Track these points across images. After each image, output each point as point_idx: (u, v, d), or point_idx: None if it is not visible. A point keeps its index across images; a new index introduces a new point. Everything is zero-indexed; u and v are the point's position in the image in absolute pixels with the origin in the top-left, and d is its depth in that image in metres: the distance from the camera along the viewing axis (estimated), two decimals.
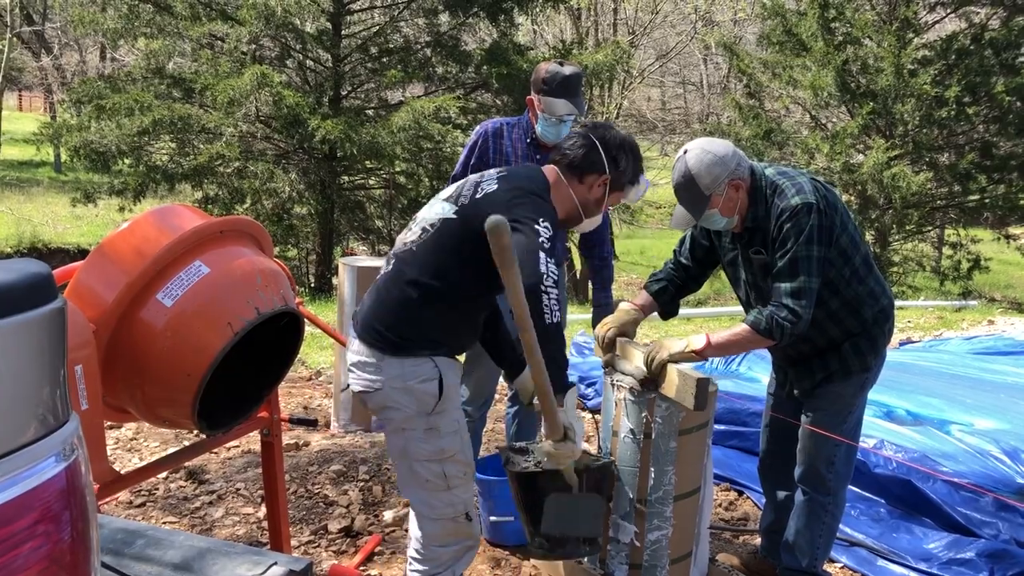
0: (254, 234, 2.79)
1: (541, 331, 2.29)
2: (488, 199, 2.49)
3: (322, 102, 12.53)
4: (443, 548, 2.57)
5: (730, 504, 4.30)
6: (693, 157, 2.88)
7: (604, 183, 2.62)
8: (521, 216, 2.39)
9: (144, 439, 4.82)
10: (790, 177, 2.91)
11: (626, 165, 2.64)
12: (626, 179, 2.67)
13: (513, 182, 2.53)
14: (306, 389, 5.96)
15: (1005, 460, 4.40)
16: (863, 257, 2.98)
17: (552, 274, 2.35)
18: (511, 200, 2.45)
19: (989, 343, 7.74)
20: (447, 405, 2.52)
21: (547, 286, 2.31)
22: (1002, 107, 13.81)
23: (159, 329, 2.45)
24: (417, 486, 2.54)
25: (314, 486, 4.18)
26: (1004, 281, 17.56)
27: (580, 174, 2.61)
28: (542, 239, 2.35)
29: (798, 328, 2.78)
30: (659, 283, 3.22)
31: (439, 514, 2.55)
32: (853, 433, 3.13)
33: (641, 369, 2.87)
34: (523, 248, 2.33)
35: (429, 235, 2.52)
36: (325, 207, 12.87)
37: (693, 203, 2.89)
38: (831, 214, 2.85)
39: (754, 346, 2.95)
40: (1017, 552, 3.61)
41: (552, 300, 2.31)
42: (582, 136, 2.63)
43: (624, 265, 19.36)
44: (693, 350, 2.82)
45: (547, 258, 2.35)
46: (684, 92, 30.61)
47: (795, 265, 2.79)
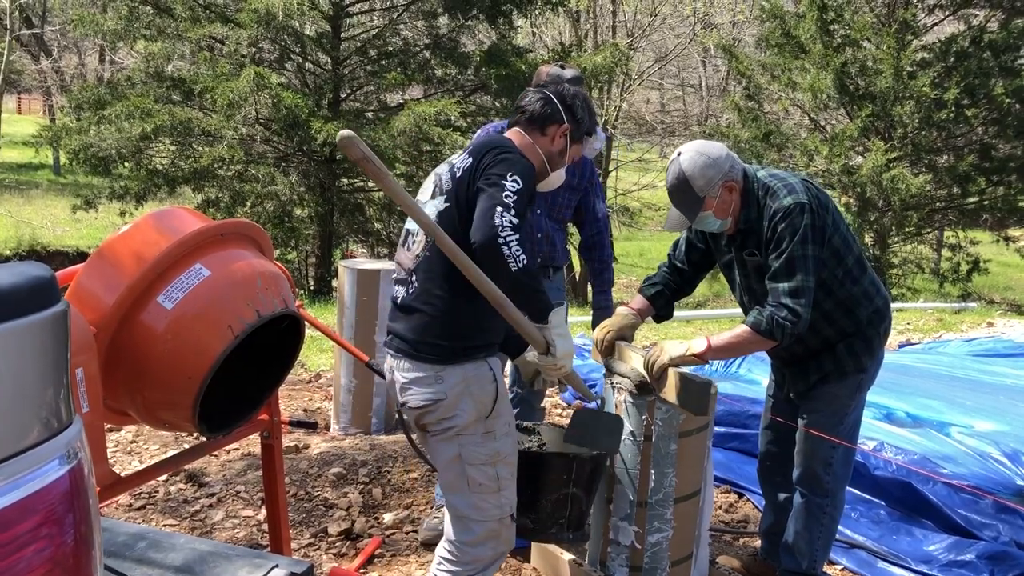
0: (254, 237, 2.79)
1: (511, 281, 2.35)
2: (467, 172, 2.51)
3: (322, 105, 12.54)
4: (482, 549, 2.57)
5: (730, 506, 4.30)
6: (687, 159, 2.89)
7: (564, 133, 2.68)
8: (490, 174, 2.42)
9: (144, 442, 4.82)
10: (781, 179, 2.92)
11: (583, 115, 2.71)
12: (583, 129, 2.73)
13: (482, 150, 2.54)
14: (306, 392, 5.96)
15: (1005, 462, 4.40)
16: (856, 257, 2.98)
17: (510, 223, 2.33)
18: (486, 165, 2.46)
19: (988, 345, 7.74)
20: (501, 407, 2.55)
21: (505, 237, 2.31)
22: (1001, 109, 13.82)
23: (160, 332, 2.45)
24: (468, 491, 2.54)
25: (314, 489, 4.18)
26: (1003, 283, 17.57)
27: (541, 126, 2.66)
28: (505, 192, 2.36)
29: (799, 327, 2.79)
30: (654, 287, 3.23)
31: (487, 516, 2.55)
32: (851, 434, 3.13)
33: (639, 373, 2.87)
34: (479, 210, 2.37)
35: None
36: (325, 210, 12.88)
37: (687, 205, 2.90)
38: (823, 214, 2.86)
39: (755, 348, 2.93)
40: (1017, 554, 3.61)
41: (514, 248, 2.31)
42: (538, 92, 2.71)
43: (623, 267, 19.36)
44: (694, 354, 2.82)
45: (505, 210, 2.34)
46: (683, 94, 30.63)
47: (792, 264, 2.79)
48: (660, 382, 2.84)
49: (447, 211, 2.51)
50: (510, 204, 2.34)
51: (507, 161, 2.45)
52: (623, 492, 2.92)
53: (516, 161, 2.47)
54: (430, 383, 2.49)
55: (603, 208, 3.89)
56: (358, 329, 4.93)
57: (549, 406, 5.66)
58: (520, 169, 2.44)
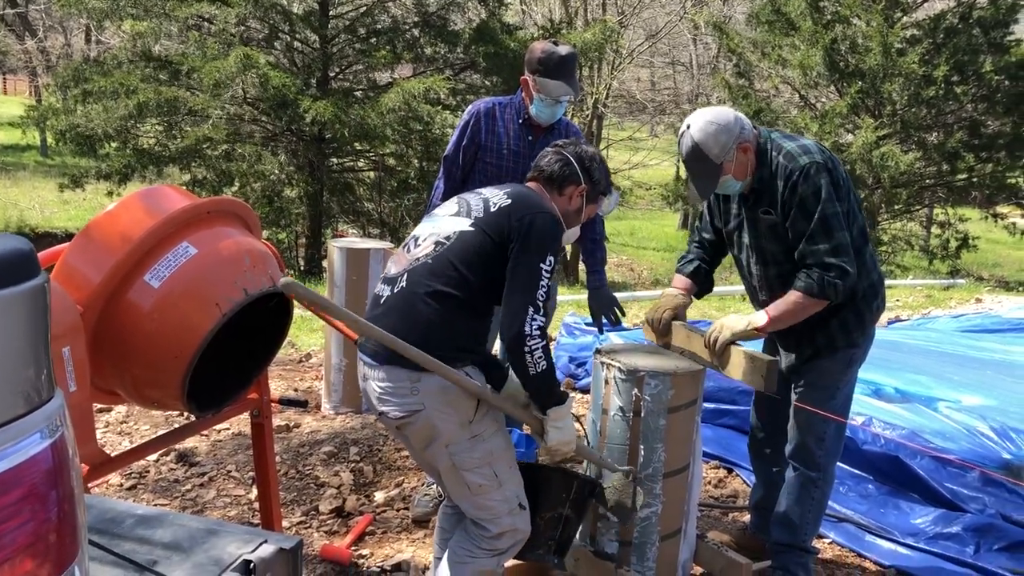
0: (241, 215, 2.78)
1: (527, 381, 2.50)
2: (504, 215, 2.55)
3: (310, 84, 12.47)
4: (499, 540, 2.61)
5: (720, 481, 4.33)
6: (698, 130, 2.90)
7: (582, 193, 2.74)
8: (530, 246, 2.48)
9: (135, 422, 4.81)
10: (794, 139, 2.96)
11: (599, 177, 2.78)
12: (600, 189, 2.81)
13: (525, 201, 2.59)
14: (297, 372, 5.96)
15: (992, 436, 4.44)
16: (860, 227, 3.00)
17: (539, 328, 2.43)
18: (528, 225, 2.50)
19: (976, 321, 7.79)
20: (485, 410, 2.55)
21: (531, 345, 2.42)
22: (990, 86, 13.83)
23: (147, 310, 2.45)
24: (471, 494, 2.56)
25: (305, 467, 4.19)
26: (992, 260, 17.66)
27: (560, 187, 2.72)
28: (540, 284, 2.45)
29: (848, 282, 2.83)
30: (691, 263, 3.26)
31: (497, 514, 2.58)
32: (843, 410, 3.15)
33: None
34: (512, 302, 2.45)
35: (446, 247, 2.52)
36: (315, 189, 12.83)
37: (707, 174, 2.92)
38: (836, 175, 2.88)
39: (810, 311, 2.92)
40: (1003, 526, 3.65)
41: (537, 355, 2.43)
42: (555, 153, 2.76)
43: (614, 247, 19.37)
44: (756, 327, 2.87)
45: (536, 312, 2.42)
46: (674, 72, 30.53)
47: (826, 223, 2.82)
48: (723, 359, 2.88)
49: (469, 235, 2.52)
50: (539, 304, 2.44)
51: (548, 236, 2.51)
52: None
53: (553, 234, 2.53)
54: (405, 394, 2.45)
55: None
56: (348, 308, 4.91)
57: None
58: (553, 245, 2.52)
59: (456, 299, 2.47)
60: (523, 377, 2.48)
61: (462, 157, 3.68)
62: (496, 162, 3.63)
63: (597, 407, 3.00)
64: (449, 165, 3.71)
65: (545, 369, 2.46)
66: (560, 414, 2.56)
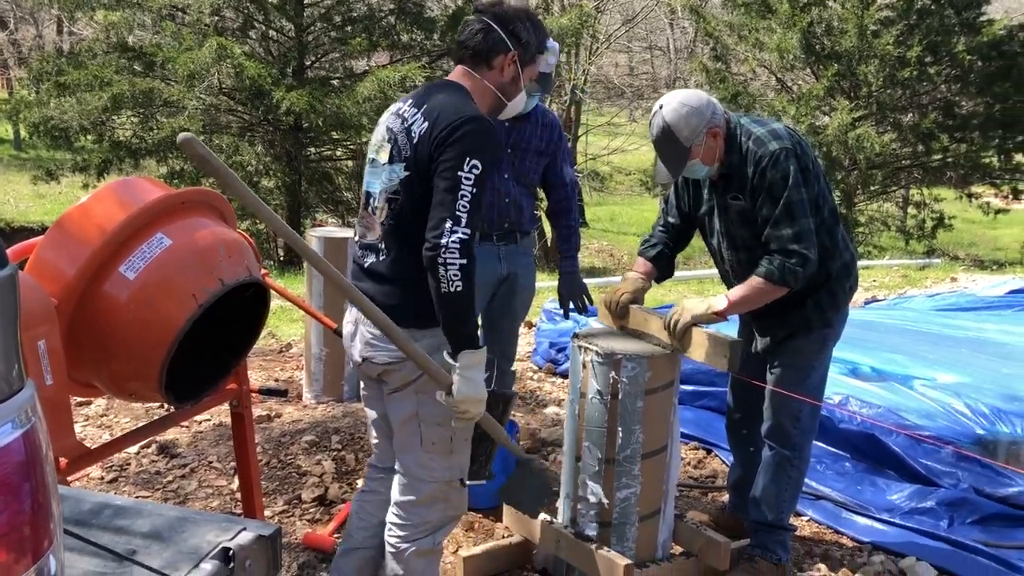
0: (216, 205, 2.77)
1: (438, 302, 2.30)
2: (424, 140, 2.39)
3: (286, 73, 12.38)
4: (429, 510, 2.57)
5: (699, 462, 4.37)
6: (670, 111, 2.91)
7: (513, 60, 2.52)
8: (448, 159, 2.32)
9: (115, 415, 4.80)
10: (764, 124, 2.98)
11: (528, 36, 2.54)
12: (532, 50, 2.56)
13: (438, 112, 2.40)
14: (277, 362, 5.95)
15: (966, 412, 4.50)
16: (831, 208, 3.05)
17: (458, 240, 2.25)
18: (442, 138, 2.35)
19: (952, 300, 7.87)
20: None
21: (446, 258, 2.25)
22: (963, 66, 13.93)
23: (123, 302, 2.44)
24: (420, 449, 2.52)
25: (287, 457, 4.19)
26: (967, 239, 17.83)
27: (487, 59, 2.51)
28: (461, 193, 2.28)
29: (808, 270, 2.87)
30: (654, 248, 3.27)
31: (435, 476, 2.54)
32: (818, 389, 3.19)
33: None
34: (432, 216, 2.30)
35: (399, 203, 2.44)
36: (292, 179, 12.77)
37: (675, 156, 2.93)
38: (805, 160, 2.91)
39: (770, 297, 2.96)
40: (975, 499, 3.72)
41: (452, 270, 2.25)
42: (476, 22, 2.54)
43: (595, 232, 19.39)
44: (715, 311, 2.88)
45: (455, 223, 2.26)
46: (651, 57, 30.53)
47: (791, 209, 2.85)
48: (684, 341, 2.90)
49: (408, 180, 2.42)
50: (462, 215, 2.27)
51: (467, 136, 2.33)
52: (591, 450, 2.96)
53: (474, 134, 2.34)
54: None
55: (571, 173, 3.90)
56: (327, 297, 4.92)
57: (521, 370, 5.70)
58: (479, 145, 2.33)
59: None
60: (435, 296, 2.30)
61: None
62: None
63: (575, 391, 3.03)
64: None
65: (460, 291, 2.25)
66: (471, 360, 2.33)
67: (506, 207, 3.68)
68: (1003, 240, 17.91)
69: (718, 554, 3.06)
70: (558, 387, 5.48)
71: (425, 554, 2.60)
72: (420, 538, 2.58)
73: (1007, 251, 16.32)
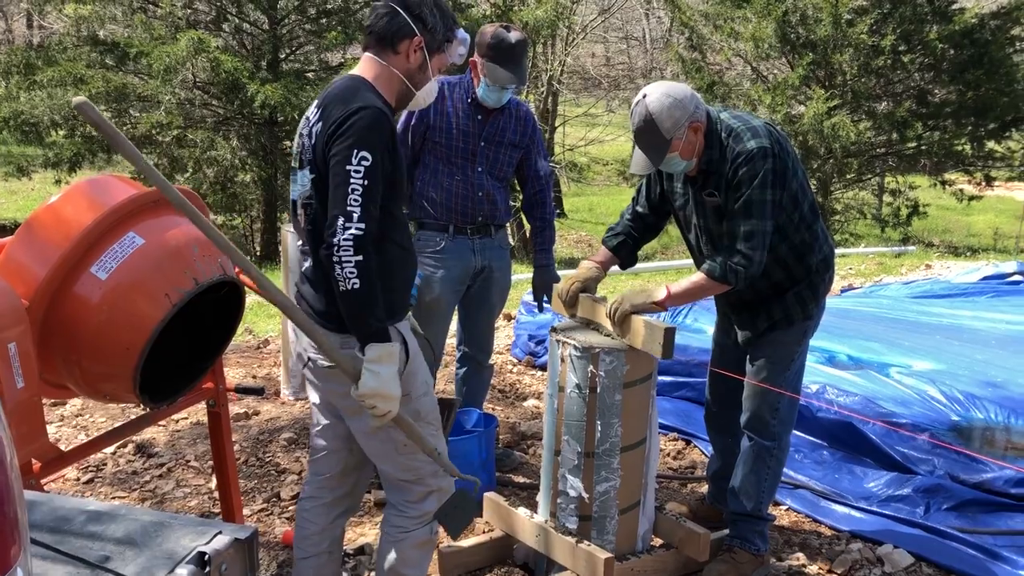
0: None
1: (338, 295, 2.28)
2: (320, 138, 2.36)
3: (260, 66, 12.27)
4: (425, 502, 2.57)
5: (678, 453, 4.39)
6: (654, 101, 2.89)
7: (419, 47, 2.45)
8: (336, 153, 2.28)
9: (90, 415, 4.75)
10: (745, 121, 2.96)
11: (434, 22, 2.47)
12: (440, 37, 2.50)
13: (330, 108, 2.37)
14: (255, 359, 5.91)
15: (941, 399, 4.55)
16: (810, 204, 3.05)
17: (351, 236, 2.21)
18: (332, 133, 2.31)
19: (926, 287, 7.94)
20: (413, 368, 2.50)
21: (340, 256, 2.22)
22: (936, 55, 14.01)
23: (95, 303, 2.42)
24: (396, 453, 2.50)
25: (266, 454, 4.17)
26: (942, 226, 17.97)
27: (392, 44, 2.44)
28: (351, 187, 2.23)
29: (751, 271, 2.86)
30: (617, 237, 3.26)
31: (421, 474, 2.54)
32: (796, 379, 3.21)
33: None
34: (329, 214, 2.27)
35: (313, 209, 2.40)
36: (268, 174, 12.66)
37: (654, 147, 2.91)
38: (784, 158, 2.90)
39: (711, 292, 3.02)
40: (951, 486, 3.76)
41: (347, 268, 2.21)
42: (382, 7, 2.47)
43: (573, 223, 19.37)
44: (654, 301, 2.91)
45: (347, 220, 2.22)
46: (627, 47, 30.53)
47: (748, 209, 2.85)
48: (623, 328, 2.91)
49: (316, 183, 2.37)
50: (352, 210, 2.22)
51: (353, 127, 2.27)
52: (571, 444, 2.96)
53: (361, 124, 2.28)
54: (341, 344, 2.41)
55: (545, 166, 3.89)
56: None
57: (500, 363, 5.69)
58: (366, 136, 2.27)
59: None
60: (336, 294, 2.28)
61: (411, 137, 3.66)
62: (446, 142, 3.62)
63: (554, 384, 3.03)
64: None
65: (357, 288, 2.22)
66: (378, 354, 2.27)
67: (480, 200, 3.67)
68: (976, 226, 18.08)
69: (698, 545, 3.08)
70: (538, 380, 5.48)
71: (422, 545, 2.62)
72: (417, 528, 2.59)
73: (980, 237, 16.48)
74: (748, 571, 3.17)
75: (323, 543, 2.70)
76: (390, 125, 2.35)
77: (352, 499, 2.77)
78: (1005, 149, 15.31)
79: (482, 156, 3.66)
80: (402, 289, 2.53)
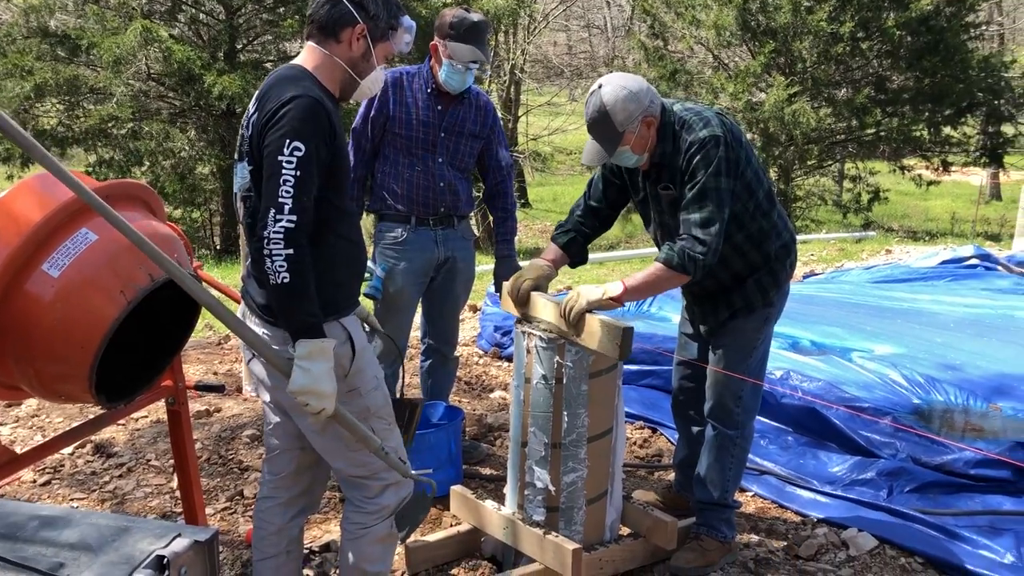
0: (143, 197, 2.68)
1: (268, 289, 2.25)
2: (256, 129, 2.31)
3: (217, 57, 12.09)
4: (383, 497, 2.53)
5: (644, 442, 4.40)
6: (609, 92, 2.86)
7: (361, 35, 2.39)
8: (268, 144, 2.23)
9: (46, 415, 4.65)
10: (697, 112, 2.94)
11: (376, 10, 2.40)
12: (384, 25, 2.43)
13: (266, 98, 2.32)
14: (215, 354, 5.83)
15: (902, 383, 4.60)
16: (766, 192, 3.04)
17: (282, 229, 2.17)
18: (265, 124, 2.26)
19: (887, 271, 8.05)
20: (362, 363, 2.44)
21: (270, 249, 2.18)
22: (893, 42, 14.19)
23: (47, 301, 2.35)
24: (347, 449, 2.45)
25: (228, 452, 4.11)
26: (901, 211, 18.24)
27: (334, 32, 2.38)
28: (283, 178, 2.19)
29: (708, 259, 2.82)
30: (567, 234, 3.22)
31: (375, 470, 2.49)
32: (760, 367, 3.21)
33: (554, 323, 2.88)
34: (262, 191, 2.23)
35: (252, 202, 2.36)
36: (227, 164, 12.50)
37: (606, 139, 2.88)
38: (737, 148, 2.89)
39: (670, 284, 2.94)
40: (913, 468, 3.80)
41: (277, 262, 2.17)
42: None
43: (538, 212, 19.39)
44: (610, 297, 2.82)
45: (277, 211, 2.17)
46: (589, 36, 30.56)
47: (703, 196, 2.82)
48: (578, 328, 2.82)
49: (254, 174, 2.33)
50: (284, 202, 2.18)
51: (286, 117, 2.22)
52: (537, 435, 2.94)
53: (294, 114, 2.22)
54: (279, 343, 2.36)
55: (506, 156, 3.86)
56: None
57: (467, 355, 5.67)
58: (299, 126, 2.21)
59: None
60: (267, 288, 2.25)
61: (371, 129, 3.61)
62: (406, 133, 3.58)
63: (520, 376, 3.01)
64: (358, 138, 3.64)
65: (287, 282, 2.18)
66: (309, 350, 2.21)
67: (441, 191, 3.64)
68: (934, 211, 18.38)
69: (665, 534, 3.08)
70: (504, 371, 5.47)
71: (382, 540, 2.57)
72: (377, 524, 2.55)
73: (938, 222, 16.75)
74: (715, 558, 3.18)
75: (281, 543, 2.65)
76: (326, 114, 2.29)
77: (308, 498, 2.72)
78: (961, 135, 15.58)
79: (442, 147, 3.62)
80: (348, 283, 2.47)
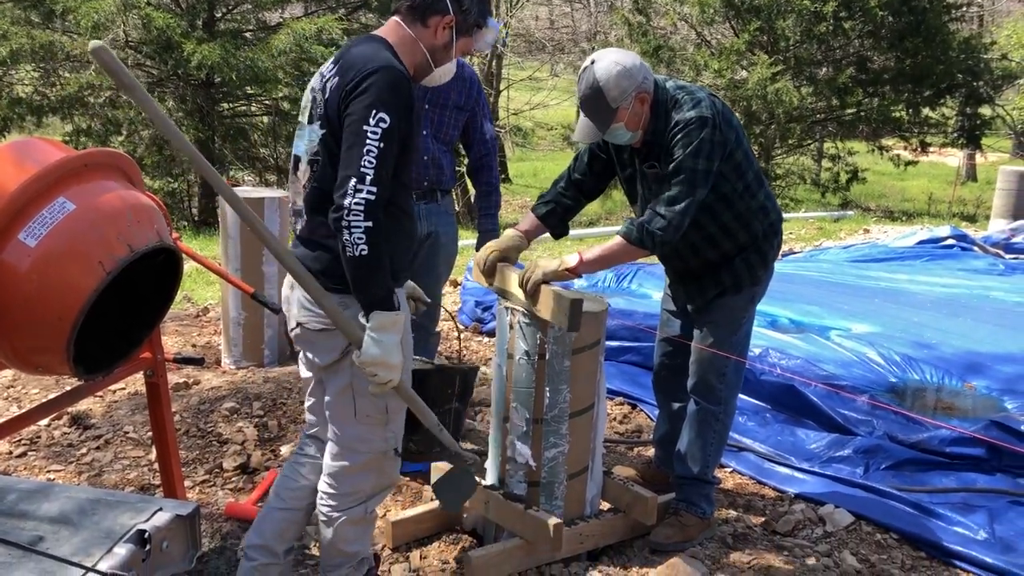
0: (122, 167, 2.63)
1: (346, 265, 2.25)
2: (336, 93, 2.30)
3: (196, 25, 11.89)
4: (362, 480, 2.53)
5: (624, 417, 4.42)
6: (602, 68, 2.84)
7: (449, 25, 2.41)
8: (354, 112, 2.22)
9: (23, 386, 4.60)
10: (689, 92, 2.93)
11: (470, 5, 2.42)
12: (472, 21, 2.46)
13: (349, 65, 2.31)
14: (194, 327, 5.78)
15: (880, 361, 4.65)
16: (755, 172, 3.04)
17: (363, 200, 2.17)
18: (350, 91, 2.25)
19: (864, 251, 8.12)
20: (407, 336, 2.47)
21: (350, 220, 2.17)
22: (875, 21, 14.19)
23: (24, 272, 2.30)
24: (355, 421, 2.46)
25: (207, 424, 4.09)
26: (879, 191, 18.33)
27: (423, 16, 2.40)
28: (367, 148, 2.18)
29: (668, 235, 2.82)
30: (547, 205, 3.21)
31: (371, 448, 2.49)
32: (743, 344, 3.23)
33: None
34: (340, 174, 2.22)
35: (320, 165, 2.35)
36: (206, 135, 12.34)
37: (600, 116, 2.87)
38: (726, 129, 2.88)
39: (629, 257, 2.99)
40: (888, 446, 3.85)
41: (356, 233, 2.17)
42: None
43: (518, 187, 19.32)
44: (567, 268, 2.84)
45: (359, 181, 2.17)
46: (571, 10, 30.33)
47: (679, 173, 2.83)
48: (534, 299, 2.83)
49: (324, 139, 2.33)
50: (366, 172, 2.17)
51: (373, 87, 2.21)
52: (519, 410, 2.94)
53: (382, 84, 2.21)
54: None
55: (490, 129, 3.83)
56: (244, 260, 4.78)
57: (447, 329, 5.66)
58: (387, 97, 2.21)
59: None
60: (343, 259, 2.24)
61: None
62: None
63: (502, 352, 3.00)
64: None
65: (365, 255, 2.18)
66: (382, 322, 2.25)
67: (425, 165, 3.61)
68: (911, 191, 18.49)
69: (645, 509, 3.10)
70: (484, 346, 5.46)
71: (357, 522, 2.57)
72: (352, 507, 2.55)
73: (915, 202, 16.84)
74: (694, 534, 3.20)
75: (302, 501, 2.67)
76: (409, 88, 2.28)
77: None
78: (940, 116, 15.64)
79: (426, 119, 3.59)
80: (403, 255, 2.47)
